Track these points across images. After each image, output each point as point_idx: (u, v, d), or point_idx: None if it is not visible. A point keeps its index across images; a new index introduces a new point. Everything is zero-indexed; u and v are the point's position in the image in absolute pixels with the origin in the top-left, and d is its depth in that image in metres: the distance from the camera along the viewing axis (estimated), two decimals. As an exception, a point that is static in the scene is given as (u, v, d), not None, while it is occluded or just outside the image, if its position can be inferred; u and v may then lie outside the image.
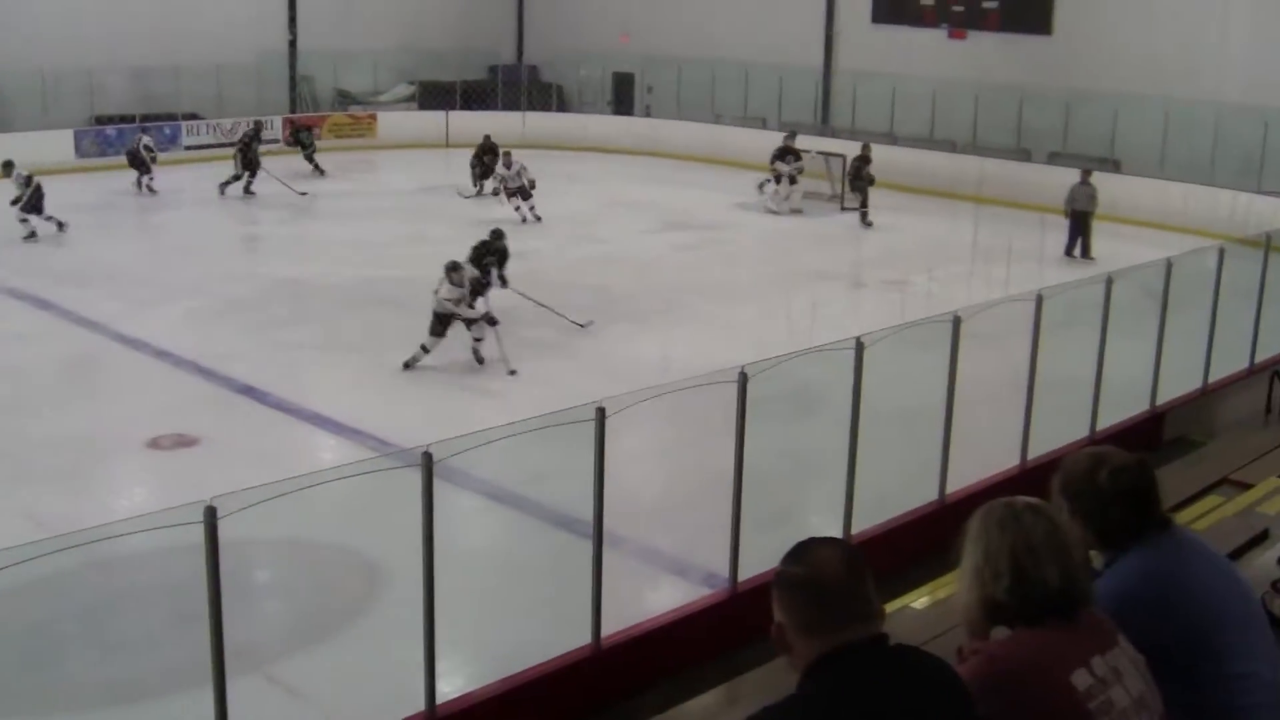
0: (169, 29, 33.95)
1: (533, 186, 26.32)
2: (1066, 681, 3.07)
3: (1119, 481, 3.79)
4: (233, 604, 7.19)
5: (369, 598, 10.55)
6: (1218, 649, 3.69)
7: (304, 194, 28.95)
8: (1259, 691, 3.72)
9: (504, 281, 18.68)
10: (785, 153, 29.28)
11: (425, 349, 16.30)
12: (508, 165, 26.59)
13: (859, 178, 27.58)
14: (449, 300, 16.28)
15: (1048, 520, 3.24)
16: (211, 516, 6.67)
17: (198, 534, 6.73)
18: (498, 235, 19.07)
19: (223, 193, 28.89)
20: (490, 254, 18.68)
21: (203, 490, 7.04)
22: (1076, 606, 3.20)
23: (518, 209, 26.12)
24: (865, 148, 28.17)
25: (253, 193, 29.16)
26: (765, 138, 34.03)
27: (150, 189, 29.10)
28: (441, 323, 16.35)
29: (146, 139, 29.82)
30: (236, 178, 29.11)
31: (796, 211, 28.87)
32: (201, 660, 7.03)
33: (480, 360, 16.57)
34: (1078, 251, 24.44)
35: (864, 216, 27.48)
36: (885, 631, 2.96)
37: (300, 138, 33.04)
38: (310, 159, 32.34)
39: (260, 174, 29.32)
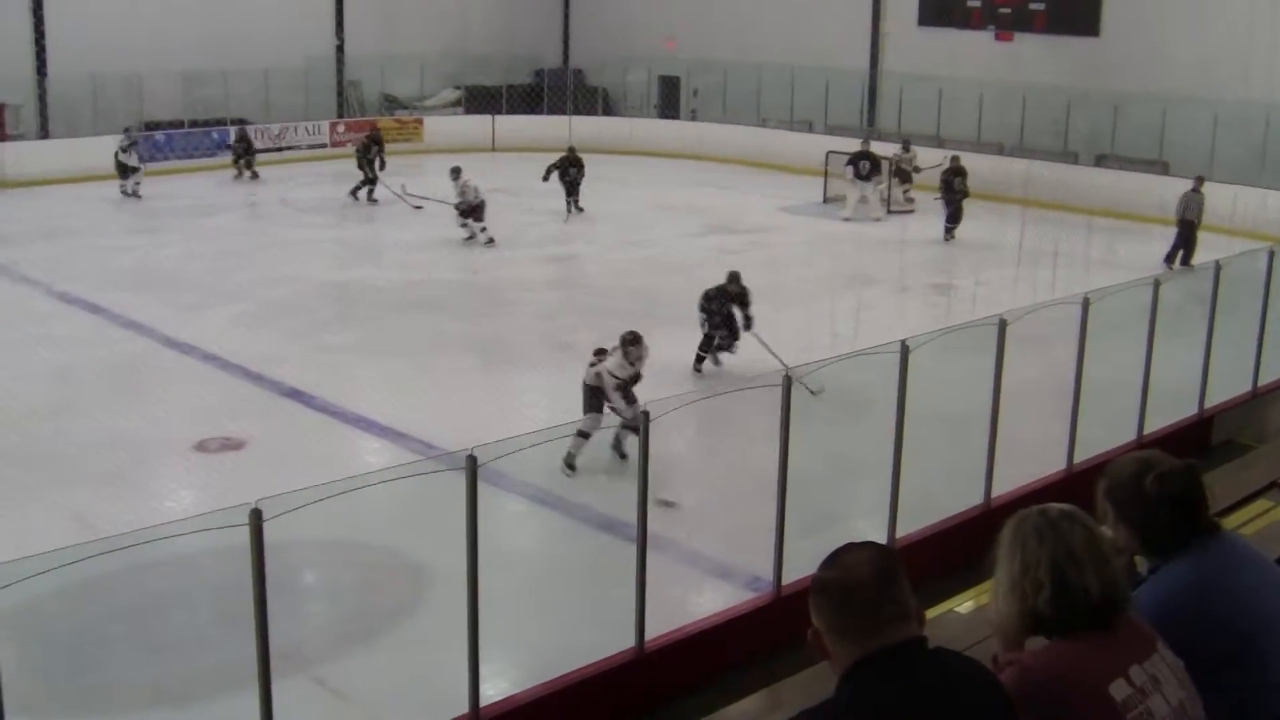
0: (218, 35, 34.25)
1: (483, 206, 24.61)
2: (1105, 692, 3.04)
3: (1166, 487, 3.74)
4: (279, 606, 7.23)
5: (414, 600, 10.59)
6: (1264, 656, 3.65)
7: (419, 207, 27.95)
8: (1305, 698, 3.68)
9: (749, 322, 16.84)
10: (860, 157, 28.47)
11: (584, 434, 13.11)
12: (455, 178, 24.95)
13: (951, 190, 26.29)
14: (615, 376, 13.23)
15: (1084, 528, 3.20)
16: (257, 519, 6.70)
17: (244, 536, 6.77)
18: (734, 279, 16.90)
19: (372, 199, 29.14)
20: (730, 300, 16.82)
21: (249, 493, 7.06)
22: (1115, 614, 3.17)
23: (465, 225, 24.61)
24: (956, 159, 26.88)
25: (376, 200, 29.15)
26: (811, 141, 34.03)
27: (135, 193, 29.01)
28: (595, 396, 13.39)
29: (123, 138, 29.47)
30: (370, 181, 29.17)
31: (877, 220, 28.33)
32: (248, 662, 7.07)
33: (624, 456, 13.43)
34: (1178, 261, 23.75)
35: (950, 231, 26.37)
36: (923, 634, 2.95)
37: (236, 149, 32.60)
38: (240, 165, 32.18)
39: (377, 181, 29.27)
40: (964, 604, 8.19)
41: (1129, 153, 30.32)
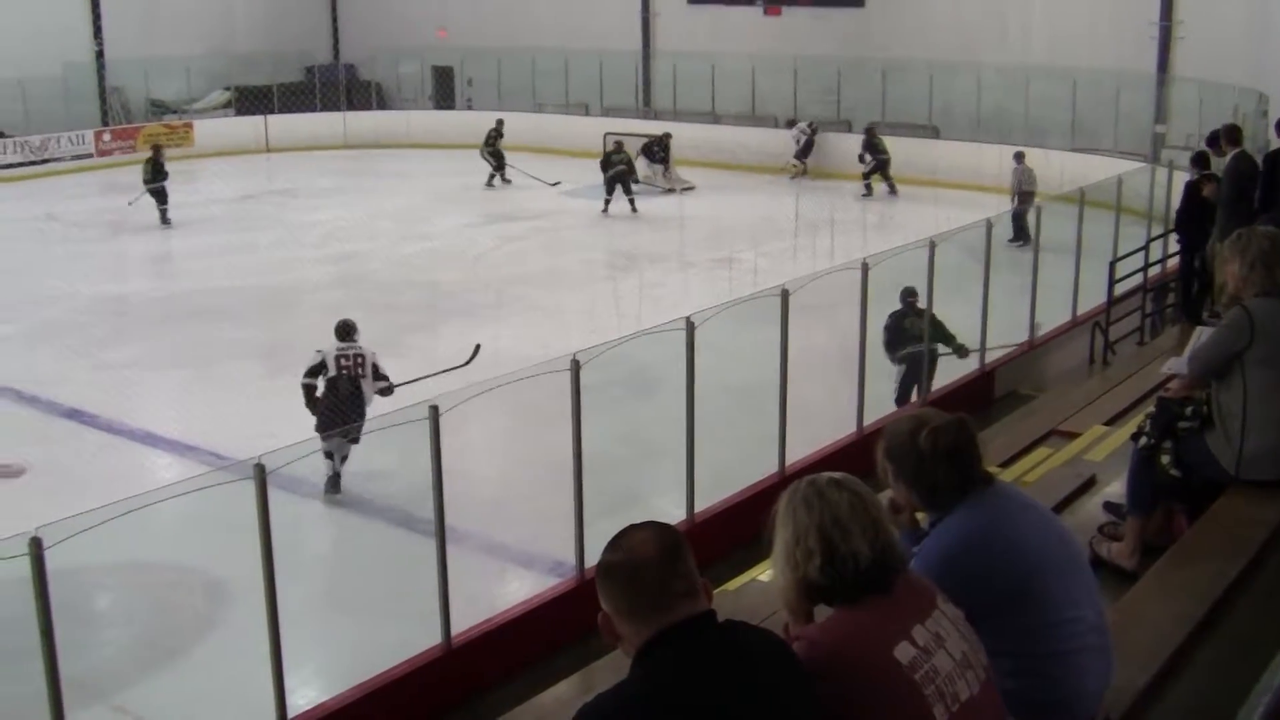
0: (-33, 47, 32.77)
1: None
2: (890, 658, 3.10)
3: (939, 442, 3.85)
4: (72, 635, 7.02)
5: (214, 616, 10.36)
6: (1042, 597, 3.80)
7: (556, 183, 29.77)
8: (1084, 635, 3.84)
9: None
10: (655, 145, 30.19)
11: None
12: None
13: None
14: None
15: (852, 494, 3.26)
16: (37, 547, 6.45)
17: (27, 567, 6.53)
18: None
19: (506, 180, 31.05)
20: None
21: (31, 521, 6.80)
22: (891, 577, 3.23)
23: None
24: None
25: (508, 180, 31.02)
26: (588, 124, 34.16)
27: None
28: None
29: None
30: (499, 167, 31.03)
31: (669, 191, 29.64)
32: (41, 696, 6.82)
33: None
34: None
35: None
36: (712, 609, 2.98)
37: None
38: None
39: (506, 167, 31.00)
40: (765, 572, 8.29)
41: (900, 119, 31.08)
